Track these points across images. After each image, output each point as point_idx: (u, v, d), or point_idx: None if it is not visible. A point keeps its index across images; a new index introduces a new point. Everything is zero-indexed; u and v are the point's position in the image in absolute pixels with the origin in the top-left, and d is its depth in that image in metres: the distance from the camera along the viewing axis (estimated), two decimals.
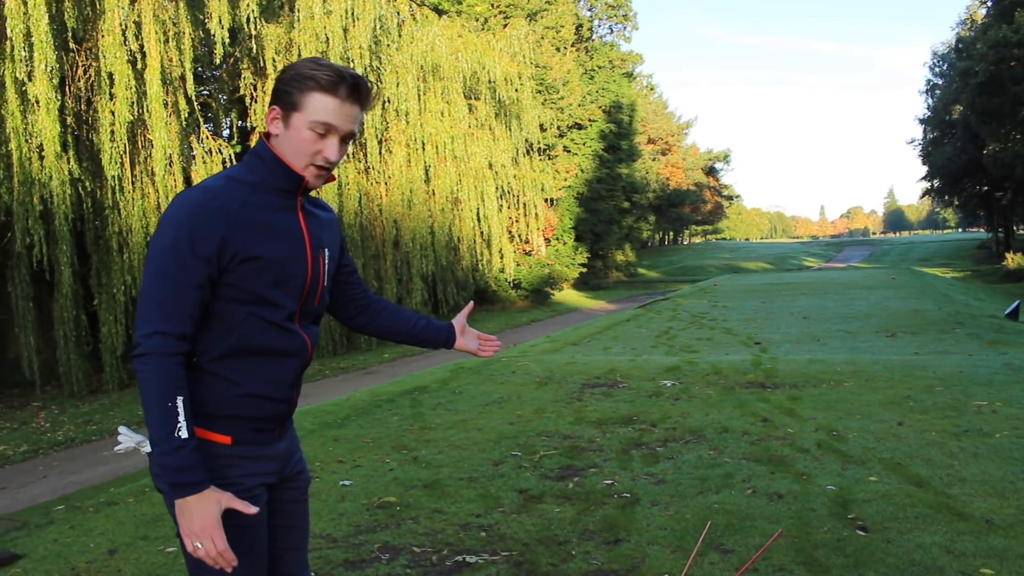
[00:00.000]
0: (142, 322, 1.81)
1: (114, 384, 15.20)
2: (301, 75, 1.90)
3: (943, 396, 6.89)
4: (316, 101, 1.89)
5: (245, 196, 1.90)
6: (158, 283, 1.81)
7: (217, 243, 1.83)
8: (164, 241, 1.82)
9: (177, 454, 1.76)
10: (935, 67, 57.61)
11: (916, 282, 24.73)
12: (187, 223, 1.82)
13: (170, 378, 1.79)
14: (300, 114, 1.90)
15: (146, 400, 1.78)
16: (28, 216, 13.57)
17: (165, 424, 1.76)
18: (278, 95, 1.93)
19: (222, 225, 1.83)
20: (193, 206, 1.84)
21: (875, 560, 3.56)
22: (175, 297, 1.81)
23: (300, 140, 1.91)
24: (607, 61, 43.73)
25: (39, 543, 4.40)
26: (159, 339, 1.79)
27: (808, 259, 75.82)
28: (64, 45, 14.28)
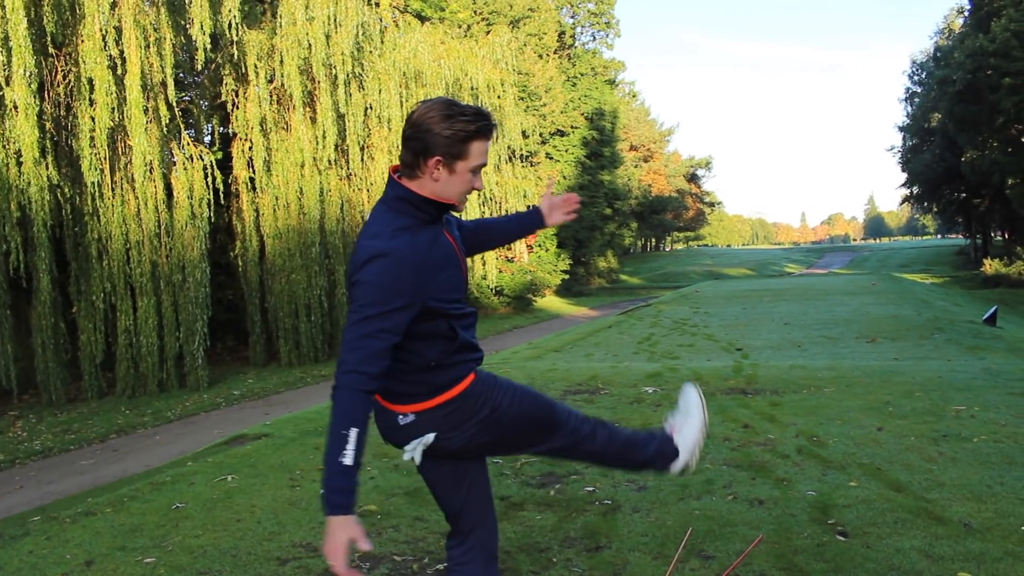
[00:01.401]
0: (343, 361, 2.11)
1: (93, 392, 15.09)
2: (467, 132, 2.20)
3: (922, 401, 6.92)
4: (479, 148, 2.24)
5: (419, 243, 2.20)
6: (360, 330, 2.11)
7: (414, 294, 2.16)
8: (366, 298, 2.12)
9: (338, 477, 2.06)
10: (914, 75, 58.14)
11: (896, 288, 24.90)
12: (386, 284, 2.13)
13: (355, 411, 2.09)
14: (465, 162, 2.23)
15: (333, 422, 2.09)
16: (5, 223, 13.46)
17: (339, 448, 2.06)
18: (440, 147, 2.20)
19: (415, 276, 2.16)
20: (387, 270, 2.13)
21: (855, 565, 3.57)
22: (374, 342, 2.11)
23: (462, 182, 2.26)
24: (589, 68, 43.90)
25: (14, 555, 4.34)
26: (356, 377, 2.09)
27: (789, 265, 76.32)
28: (43, 50, 14.19)
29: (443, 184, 2.24)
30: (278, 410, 12.16)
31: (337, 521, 2.04)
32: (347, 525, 2.04)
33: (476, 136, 2.21)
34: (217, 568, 3.96)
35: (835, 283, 29.49)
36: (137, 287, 15.33)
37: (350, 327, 2.13)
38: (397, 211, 2.25)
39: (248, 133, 18.14)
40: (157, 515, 4.92)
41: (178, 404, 14.33)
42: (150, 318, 15.38)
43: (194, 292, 15.77)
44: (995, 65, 35.02)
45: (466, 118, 2.19)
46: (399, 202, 2.26)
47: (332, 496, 2.05)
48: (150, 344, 15.38)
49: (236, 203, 18.81)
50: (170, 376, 15.74)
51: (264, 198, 18.35)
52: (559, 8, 44.48)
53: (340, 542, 2.03)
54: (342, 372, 2.10)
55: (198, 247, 15.88)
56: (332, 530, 2.04)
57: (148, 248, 15.36)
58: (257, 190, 18.48)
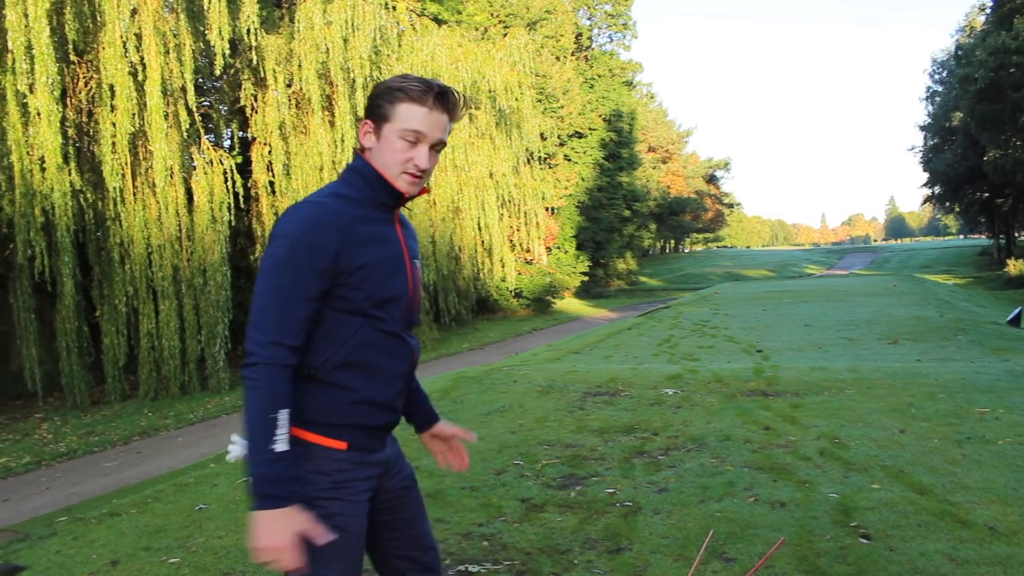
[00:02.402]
0: (256, 331, 1.85)
1: (116, 395, 15.22)
2: (390, 88, 2.00)
3: (945, 403, 6.87)
4: (405, 111, 1.99)
5: (351, 211, 1.98)
6: (274, 295, 1.87)
7: (331, 256, 1.89)
8: (279, 254, 1.88)
9: (271, 466, 1.79)
10: (935, 74, 57.75)
11: (918, 289, 24.71)
12: (302, 237, 1.88)
13: (277, 390, 1.83)
14: (390, 124, 2.00)
15: (249, 408, 1.81)
16: (30, 228, 13.61)
17: (264, 435, 1.79)
18: (370, 109, 2.04)
19: (335, 238, 1.90)
20: (307, 221, 1.90)
21: (878, 568, 3.55)
22: (291, 309, 1.87)
23: (392, 150, 2.01)
24: (607, 70, 43.86)
25: (42, 555, 4.40)
26: (274, 350, 1.84)
27: (809, 266, 75.83)
28: (65, 57, 14.34)
29: (375, 152, 2.03)
30: None
31: (277, 513, 1.78)
32: (291, 515, 1.80)
33: (402, 96, 1.98)
34: (240, 569, 3.99)
35: (856, 284, 29.30)
36: (159, 291, 15.44)
37: (262, 290, 1.88)
38: (345, 181, 2.06)
39: (267, 137, 18.25)
40: (181, 516, 4.96)
41: (200, 406, 14.43)
42: (172, 321, 15.49)
43: (215, 295, 15.87)
44: (1018, 63, 34.71)
45: (400, 79, 2.01)
46: (349, 172, 2.07)
47: (268, 487, 1.78)
48: (172, 347, 15.49)
49: (256, 207, 18.92)
50: (192, 379, 15.85)
51: (284, 202, 18.44)
52: (576, 10, 44.47)
53: (286, 535, 1.78)
54: (258, 345, 1.83)
55: (218, 251, 15.99)
56: (269, 523, 1.77)
57: (169, 252, 15.48)
58: (276, 194, 18.58)
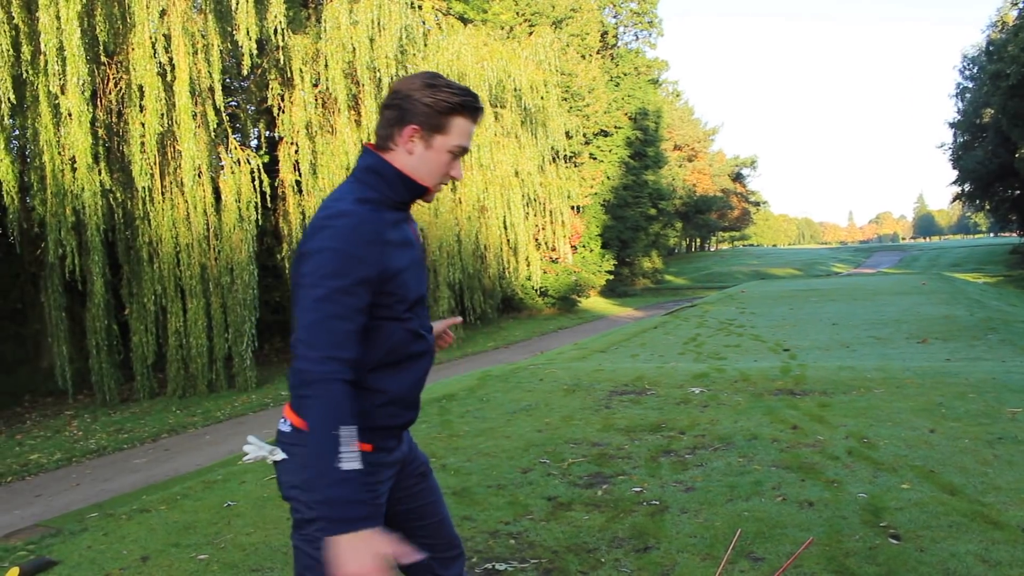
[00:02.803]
0: (307, 347, 1.78)
1: (145, 393, 15.37)
2: (450, 103, 1.98)
3: (976, 403, 6.79)
4: (460, 126, 2.00)
5: (382, 216, 1.95)
6: (324, 308, 1.80)
7: (377, 266, 1.88)
8: (326, 268, 1.82)
9: (341, 487, 1.71)
10: (965, 70, 57.05)
11: (947, 287, 24.43)
12: (348, 250, 1.84)
13: (337, 406, 1.76)
14: (444, 137, 1.99)
15: (312, 427, 1.74)
16: (61, 227, 13.78)
17: (329, 454, 1.72)
18: (418, 115, 1.98)
19: (379, 249, 1.89)
20: (349, 234, 1.86)
21: (908, 569, 3.51)
22: (343, 323, 1.81)
23: (439, 163, 2.02)
24: (632, 68, 43.70)
25: (74, 550, 4.45)
26: (329, 364, 1.78)
27: (837, 265, 75.18)
28: (96, 58, 14.50)
29: (418, 159, 2.01)
30: None
31: (356, 537, 1.70)
32: (372, 538, 1.72)
33: (459, 111, 1.99)
34: (269, 565, 4.02)
35: (884, 283, 29.02)
36: (187, 289, 15.58)
37: (310, 305, 1.80)
38: (363, 183, 2.00)
39: (294, 137, 18.36)
40: (209, 513, 5.01)
41: (227, 404, 14.55)
42: (199, 320, 15.62)
43: (242, 294, 15.99)
44: None
45: (451, 90, 1.99)
46: (367, 173, 2.02)
47: (341, 510, 1.70)
48: (200, 345, 15.62)
49: (283, 206, 19.04)
50: (219, 377, 15.98)
51: (310, 201, 18.54)
52: (602, 8, 44.34)
53: (367, 559, 1.69)
54: (311, 361, 1.76)
55: (246, 249, 16.10)
56: (350, 549, 1.69)
57: (197, 251, 15.61)
58: (303, 193, 18.69)
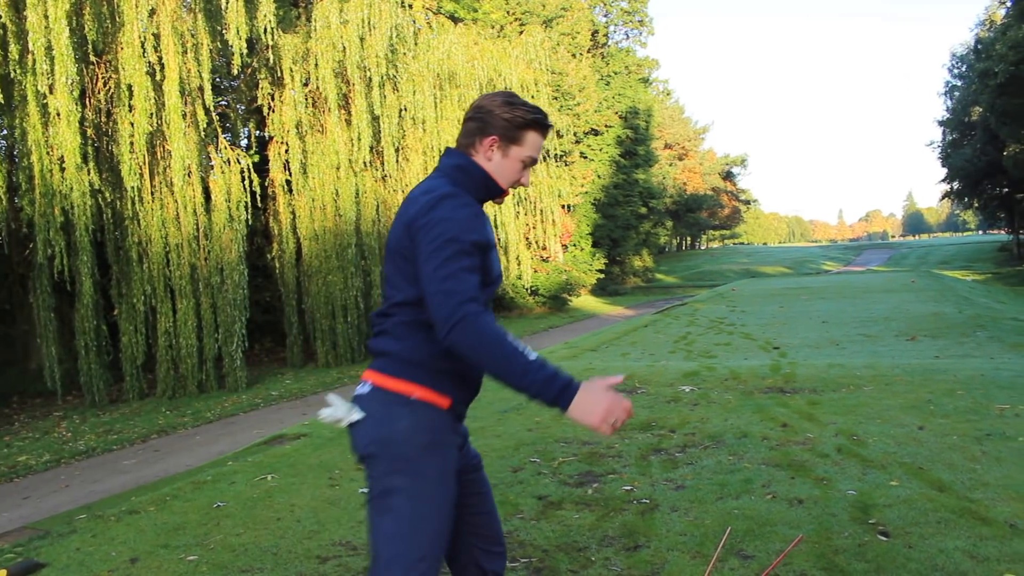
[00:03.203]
0: (448, 297, 1.99)
1: (134, 394, 15.30)
2: (527, 119, 2.27)
3: (964, 400, 6.83)
4: (533, 140, 2.30)
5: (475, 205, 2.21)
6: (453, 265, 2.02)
7: (481, 236, 2.13)
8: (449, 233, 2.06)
9: (542, 369, 1.95)
10: (954, 68, 57.30)
11: (936, 285, 24.54)
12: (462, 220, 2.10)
13: (494, 327, 1.97)
14: (519, 148, 2.28)
15: (485, 350, 1.95)
16: (49, 227, 13.69)
17: (515, 357, 1.95)
18: (498, 128, 2.27)
19: (480, 222, 2.16)
20: (461, 207, 2.13)
21: (897, 565, 3.53)
22: (471, 275, 2.05)
23: (514, 170, 2.31)
24: (623, 67, 43.73)
25: (62, 552, 4.43)
26: (471, 305, 1.98)
27: (827, 263, 75.44)
28: (84, 58, 14.42)
29: (495, 166, 2.29)
30: (316, 411, 12.20)
31: (580, 394, 1.95)
32: (589, 387, 1.97)
33: (533, 126, 2.28)
34: (259, 566, 4.01)
35: (873, 281, 29.13)
36: (176, 289, 15.52)
37: (440, 264, 2.02)
38: (451, 178, 2.25)
39: (284, 136, 18.31)
40: (199, 514, 4.99)
41: (217, 405, 14.50)
42: (189, 320, 15.56)
43: (232, 294, 15.94)
44: None
45: (526, 108, 2.27)
46: (457, 171, 2.28)
47: (557, 384, 1.94)
48: (189, 346, 15.56)
49: (273, 206, 18.99)
50: (209, 377, 15.92)
51: (300, 200, 18.50)
52: (592, 7, 44.36)
53: (600, 400, 1.95)
54: (454, 308, 1.96)
55: (236, 249, 16.05)
56: (584, 404, 1.95)
57: (187, 251, 15.55)
58: (293, 192, 18.64)
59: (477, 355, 1.95)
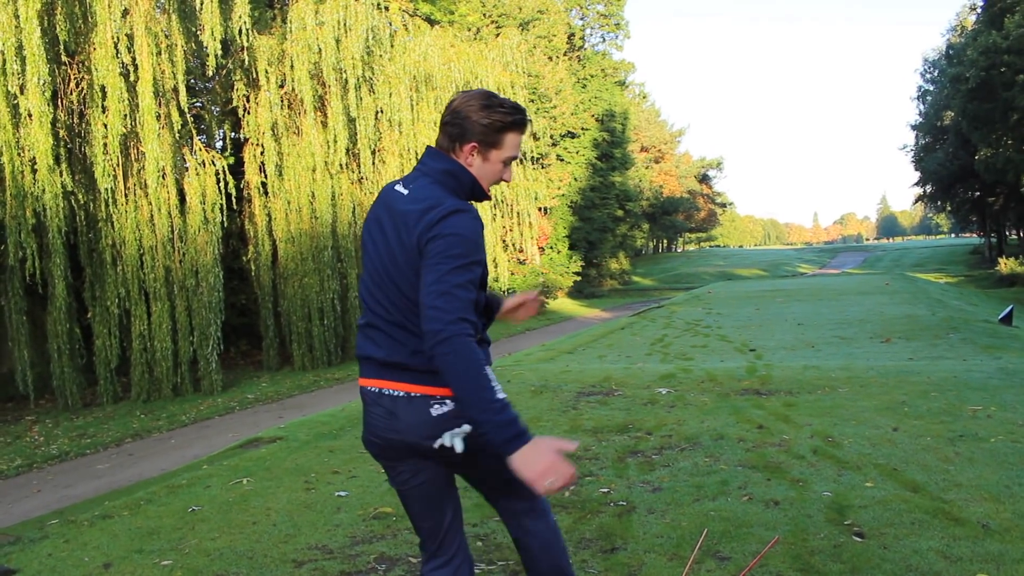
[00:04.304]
0: (443, 312, 2.05)
1: (108, 397, 15.16)
2: (504, 123, 2.31)
3: (938, 401, 6.89)
4: (512, 140, 2.35)
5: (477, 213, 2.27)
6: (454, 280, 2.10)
7: (484, 253, 2.22)
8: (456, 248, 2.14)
9: (504, 411, 2.01)
10: (926, 73, 57.91)
11: (910, 288, 24.78)
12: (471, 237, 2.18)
13: (477, 353, 2.04)
14: (498, 151, 2.34)
15: (457, 378, 2.02)
16: (21, 229, 13.53)
17: (484, 391, 2.01)
18: (476, 134, 2.30)
19: (483, 239, 2.23)
20: (471, 223, 2.20)
21: (872, 566, 3.55)
22: (469, 292, 2.13)
23: (495, 171, 2.37)
24: (599, 70, 43.90)
25: (33, 558, 4.37)
26: (463, 325, 2.05)
27: (802, 266, 76.01)
28: (56, 58, 14.28)
29: (476, 171, 2.35)
30: (292, 413, 12.20)
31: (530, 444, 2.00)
32: (539, 441, 2.01)
33: (511, 128, 2.32)
34: (234, 570, 3.98)
35: (848, 283, 29.38)
36: (151, 292, 15.39)
37: (441, 277, 2.09)
38: (443, 185, 2.31)
39: (260, 138, 18.21)
40: (173, 518, 4.95)
41: (192, 408, 14.39)
42: (164, 323, 15.44)
43: (207, 297, 15.83)
44: (1009, 62, 34.83)
45: (504, 110, 2.30)
46: (447, 176, 2.33)
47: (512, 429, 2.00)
48: (164, 349, 15.44)
49: (248, 208, 18.88)
50: (184, 380, 15.80)
51: (276, 202, 18.41)
52: (568, 10, 44.46)
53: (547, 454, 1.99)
54: (446, 323, 2.03)
55: (211, 252, 15.94)
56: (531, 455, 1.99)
57: (162, 253, 15.43)
58: (269, 195, 18.55)
59: (455, 374, 2.02)
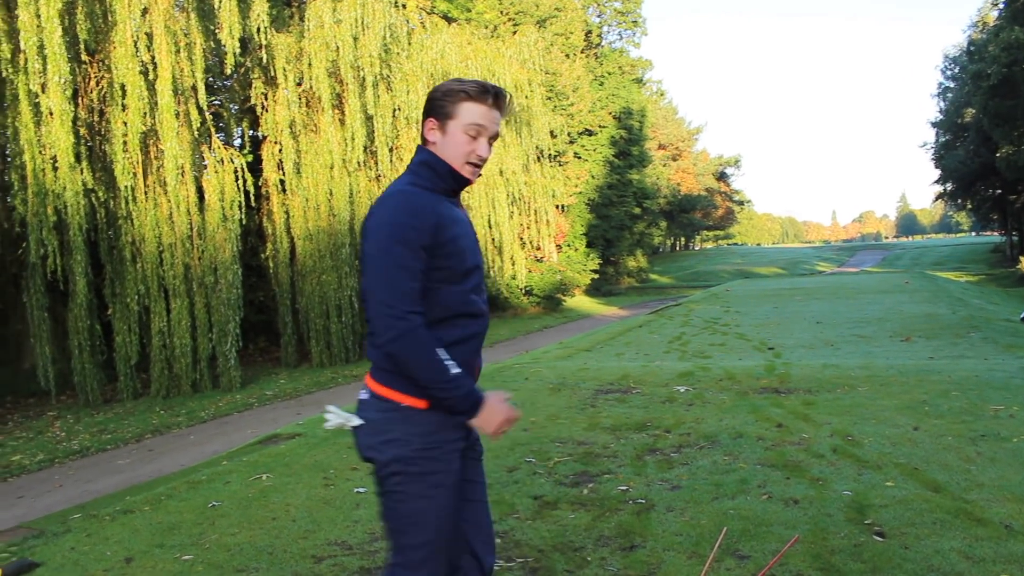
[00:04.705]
0: (389, 308, 2.16)
1: (128, 393, 15.26)
2: (452, 90, 2.32)
3: (959, 400, 6.84)
4: (468, 108, 2.31)
5: (434, 198, 2.29)
6: (394, 272, 2.16)
7: (431, 233, 2.21)
8: (388, 240, 2.18)
9: (461, 382, 2.18)
10: (947, 70, 57.36)
11: (930, 286, 24.60)
12: (407, 221, 2.19)
13: (427, 342, 2.16)
14: (455, 121, 2.31)
15: (417, 363, 2.15)
16: (42, 227, 13.66)
17: (440, 372, 2.15)
18: (432, 109, 2.35)
19: (432, 218, 2.22)
20: (406, 207, 2.22)
21: (893, 566, 3.53)
22: (411, 283, 2.18)
23: (457, 143, 2.32)
24: (617, 67, 43.75)
25: (56, 551, 4.41)
26: (412, 318, 2.15)
27: (821, 264, 75.55)
28: (77, 57, 14.38)
29: (440, 148, 2.34)
30: (310, 410, 12.25)
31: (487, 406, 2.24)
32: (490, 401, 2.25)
33: (465, 96, 2.30)
34: (254, 566, 4.00)
35: (867, 281, 29.18)
36: (170, 289, 15.48)
37: (380, 272, 2.18)
38: (416, 174, 2.35)
39: (278, 136, 18.27)
40: (194, 513, 4.98)
41: (211, 404, 14.47)
42: (183, 320, 15.52)
43: (226, 294, 15.90)
44: None
45: (459, 83, 2.33)
46: (421, 166, 2.36)
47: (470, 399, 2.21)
48: (183, 345, 15.52)
49: (267, 205, 18.95)
50: (203, 377, 15.88)
51: (294, 200, 18.47)
52: (585, 7, 44.35)
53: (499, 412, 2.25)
54: (396, 319, 2.14)
55: (230, 249, 16.01)
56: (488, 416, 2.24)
57: (181, 251, 15.51)
58: (287, 192, 18.61)
59: (410, 360, 2.16)
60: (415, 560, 2.29)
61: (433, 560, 2.30)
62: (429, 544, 2.28)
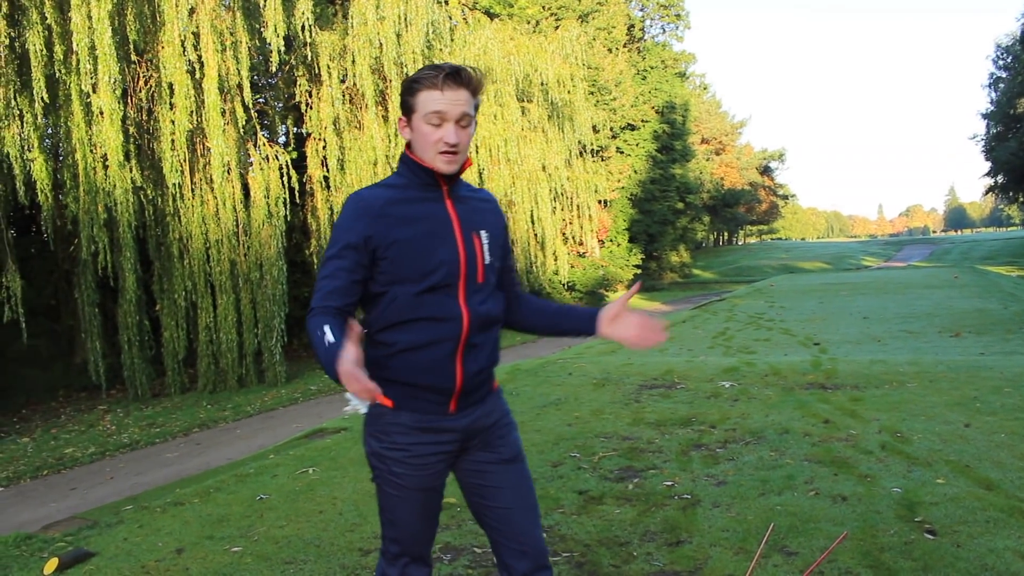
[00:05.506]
0: (312, 299, 2.23)
1: (176, 388, 15.52)
2: (408, 82, 2.27)
3: (1012, 397, 6.70)
4: (424, 98, 2.22)
5: (390, 195, 2.27)
6: (322, 271, 2.24)
7: (362, 235, 2.20)
8: (330, 241, 2.26)
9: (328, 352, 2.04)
10: (998, 60, 56.06)
11: (980, 281, 24.12)
12: (341, 223, 2.25)
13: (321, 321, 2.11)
14: (416, 113, 2.24)
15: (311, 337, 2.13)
16: (93, 224, 13.94)
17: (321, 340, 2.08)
18: (401, 106, 2.30)
19: (365, 221, 2.21)
20: (347, 209, 2.26)
21: (945, 564, 3.48)
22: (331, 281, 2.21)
23: (422, 135, 2.25)
24: (659, 61, 43.46)
25: (110, 541, 4.51)
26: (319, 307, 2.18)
27: (867, 258, 74.34)
28: (126, 57, 14.64)
29: (413, 143, 2.30)
30: None
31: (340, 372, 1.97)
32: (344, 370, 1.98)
33: (419, 86, 2.23)
34: (302, 558, 4.05)
35: (915, 276, 28.70)
36: (217, 285, 15.71)
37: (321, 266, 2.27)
38: (397, 172, 2.36)
39: (322, 132, 18.44)
40: (242, 506, 5.05)
41: (257, 399, 14.67)
42: (229, 315, 15.75)
43: (271, 290, 16.10)
44: None
45: (416, 72, 2.27)
46: (401, 164, 2.35)
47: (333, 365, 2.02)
48: (230, 341, 15.75)
49: (311, 202, 19.14)
50: (249, 372, 16.10)
51: (338, 196, 18.62)
52: (628, 1, 44.12)
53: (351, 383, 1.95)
54: (312, 306, 2.21)
55: (275, 245, 16.20)
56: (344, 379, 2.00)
57: (227, 247, 15.73)
58: (331, 189, 18.78)
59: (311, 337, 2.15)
60: (391, 552, 2.37)
61: (406, 555, 2.37)
62: (401, 541, 2.35)
